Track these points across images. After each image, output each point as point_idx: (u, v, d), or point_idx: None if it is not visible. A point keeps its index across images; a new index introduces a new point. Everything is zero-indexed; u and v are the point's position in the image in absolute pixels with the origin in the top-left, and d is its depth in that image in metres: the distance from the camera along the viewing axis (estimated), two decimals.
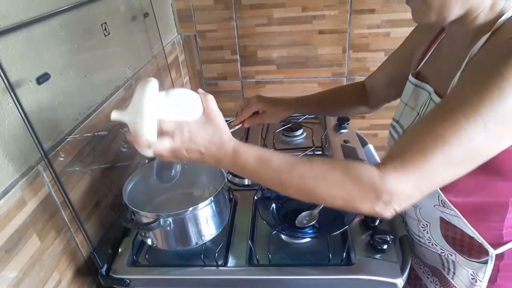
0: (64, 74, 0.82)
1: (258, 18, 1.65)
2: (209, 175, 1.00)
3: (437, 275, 0.83)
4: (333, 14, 1.60)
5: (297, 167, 0.56)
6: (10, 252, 0.65)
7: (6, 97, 0.65)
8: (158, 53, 1.42)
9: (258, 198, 1.02)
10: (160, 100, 0.58)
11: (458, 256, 0.73)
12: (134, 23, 1.21)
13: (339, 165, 0.55)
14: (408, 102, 0.75)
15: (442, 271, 0.80)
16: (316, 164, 0.56)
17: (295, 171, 0.56)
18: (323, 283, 0.81)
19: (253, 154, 0.58)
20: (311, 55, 1.71)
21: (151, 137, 0.57)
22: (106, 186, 0.98)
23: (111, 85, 1.04)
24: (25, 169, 0.69)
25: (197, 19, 1.69)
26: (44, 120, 0.75)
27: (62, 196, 0.76)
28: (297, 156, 0.58)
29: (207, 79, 1.85)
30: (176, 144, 0.58)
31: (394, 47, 0.93)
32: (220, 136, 0.59)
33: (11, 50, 0.67)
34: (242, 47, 1.73)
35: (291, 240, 0.91)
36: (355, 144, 1.26)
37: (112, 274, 0.86)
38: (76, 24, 0.88)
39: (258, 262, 0.84)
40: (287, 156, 0.57)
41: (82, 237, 0.83)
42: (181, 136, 0.58)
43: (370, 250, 0.83)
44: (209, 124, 0.59)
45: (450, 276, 0.78)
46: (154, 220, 0.79)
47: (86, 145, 0.89)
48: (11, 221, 0.65)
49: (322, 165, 0.55)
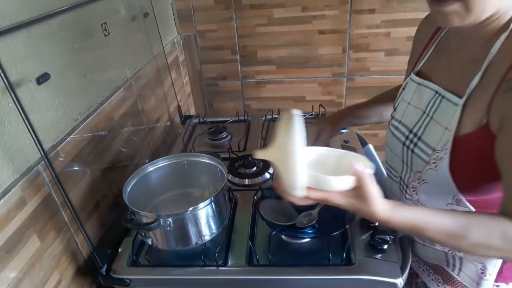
0: (64, 74, 0.82)
1: (258, 18, 1.65)
2: (209, 175, 1.00)
3: (439, 273, 0.82)
4: (333, 14, 1.60)
5: (453, 238, 0.58)
6: (10, 252, 0.65)
7: (6, 97, 0.65)
8: (158, 53, 1.42)
9: (258, 198, 1.02)
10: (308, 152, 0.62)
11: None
12: (134, 23, 1.21)
13: (498, 231, 0.56)
14: (411, 101, 0.75)
15: (446, 268, 0.80)
16: (473, 234, 0.57)
17: (451, 241, 0.59)
18: (323, 283, 0.81)
19: (406, 223, 0.60)
20: (311, 55, 1.71)
21: (299, 188, 0.57)
22: (106, 186, 0.98)
23: (111, 85, 1.04)
24: (25, 169, 0.69)
25: (197, 19, 1.69)
26: (44, 120, 0.75)
27: (62, 196, 0.76)
28: (451, 219, 0.58)
29: (207, 79, 1.85)
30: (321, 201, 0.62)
31: (394, 47, 0.93)
32: (371, 211, 0.59)
33: (11, 50, 0.67)
34: (242, 47, 1.73)
35: (291, 240, 0.91)
36: (355, 144, 1.26)
37: (112, 274, 0.86)
38: (76, 24, 0.88)
39: (258, 262, 0.84)
40: (440, 225, 0.58)
41: (82, 237, 0.83)
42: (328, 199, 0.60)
43: (370, 250, 0.83)
44: (360, 200, 0.59)
45: (455, 273, 0.78)
46: (154, 220, 0.79)
47: (86, 145, 0.89)
48: (11, 221, 0.65)
49: (480, 236, 0.57)
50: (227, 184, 1.06)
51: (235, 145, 1.32)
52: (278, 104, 1.81)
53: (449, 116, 0.64)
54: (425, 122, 0.70)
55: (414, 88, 0.75)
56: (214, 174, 0.97)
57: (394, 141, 0.79)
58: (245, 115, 1.54)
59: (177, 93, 1.63)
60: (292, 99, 1.83)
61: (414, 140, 0.72)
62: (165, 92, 1.49)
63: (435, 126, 0.67)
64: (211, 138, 1.40)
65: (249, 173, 1.15)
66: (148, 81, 1.30)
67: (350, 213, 0.90)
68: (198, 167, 1.01)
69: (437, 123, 0.67)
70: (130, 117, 1.14)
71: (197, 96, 1.91)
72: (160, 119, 1.42)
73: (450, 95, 0.65)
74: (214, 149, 1.34)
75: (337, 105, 1.81)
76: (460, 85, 0.63)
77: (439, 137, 0.65)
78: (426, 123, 0.70)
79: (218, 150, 1.31)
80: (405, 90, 0.78)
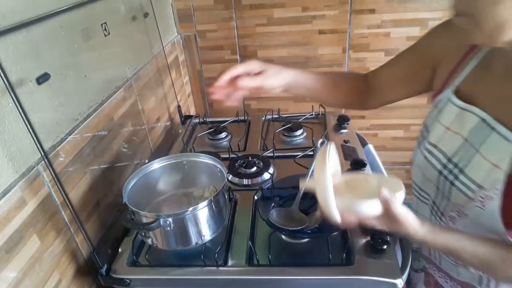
0: (64, 74, 0.82)
1: (258, 18, 1.65)
2: (209, 175, 1.00)
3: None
4: (333, 14, 1.60)
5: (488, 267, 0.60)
6: (10, 252, 0.65)
7: (6, 97, 0.65)
8: (158, 53, 1.42)
9: (258, 198, 1.02)
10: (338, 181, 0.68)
11: None
12: (134, 23, 1.21)
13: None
14: (451, 126, 0.66)
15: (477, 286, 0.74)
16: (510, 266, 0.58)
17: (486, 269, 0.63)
18: (323, 283, 0.81)
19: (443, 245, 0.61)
20: (311, 55, 1.71)
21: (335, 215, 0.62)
22: (106, 186, 0.98)
23: (111, 85, 1.04)
24: (25, 169, 0.69)
25: (197, 19, 1.69)
26: (44, 120, 0.75)
27: (62, 196, 0.76)
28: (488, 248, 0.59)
29: (207, 79, 1.85)
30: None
31: (394, 47, 0.93)
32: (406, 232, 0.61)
33: (11, 50, 0.67)
34: (242, 47, 1.73)
35: (291, 240, 0.91)
36: (355, 144, 1.26)
37: (112, 274, 0.86)
38: (76, 24, 0.88)
39: (258, 262, 0.84)
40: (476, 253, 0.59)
41: (82, 237, 0.83)
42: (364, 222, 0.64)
43: (370, 250, 0.83)
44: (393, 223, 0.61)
45: None
46: (154, 220, 0.79)
47: (86, 145, 0.89)
48: (11, 221, 0.65)
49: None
50: (227, 184, 1.06)
51: (235, 145, 1.32)
52: (278, 104, 1.80)
53: (500, 152, 0.57)
54: (469, 153, 0.62)
55: (455, 113, 0.65)
56: (214, 174, 0.97)
57: (427, 167, 0.71)
58: (245, 115, 1.54)
59: (177, 93, 1.63)
60: (292, 99, 1.83)
61: (455, 172, 0.64)
62: (165, 92, 1.49)
63: (482, 161, 0.59)
64: (211, 138, 1.40)
65: (249, 173, 1.15)
66: (148, 81, 1.30)
67: None
68: (198, 167, 1.01)
69: (483, 158, 0.59)
70: (130, 117, 1.14)
71: (197, 96, 1.91)
72: (160, 119, 1.42)
73: (501, 127, 0.57)
74: (214, 149, 1.34)
75: None
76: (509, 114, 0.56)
77: (487, 173, 0.58)
78: (470, 155, 0.62)
79: (218, 150, 1.31)
80: (443, 113, 0.68)
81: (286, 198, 1.00)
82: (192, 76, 1.85)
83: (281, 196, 1.00)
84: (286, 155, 1.24)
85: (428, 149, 0.71)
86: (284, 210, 0.92)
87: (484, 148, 0.59)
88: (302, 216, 0.90)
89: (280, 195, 1.01)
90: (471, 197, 0.61)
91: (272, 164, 1.19)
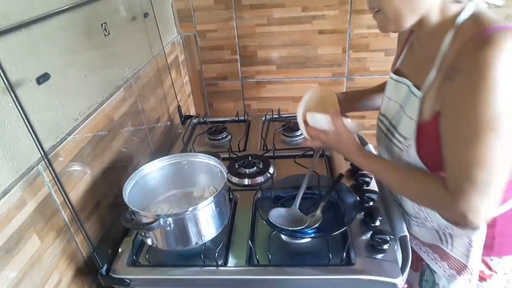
0: (64, 74, 0.82)
1: (258, 18, 1.65)
2: (209, 175, 1.00)
3: (437, 251, 0.85)
4: (333, 14, 1.60)
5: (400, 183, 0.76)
6: (10, 252, 0.65)
7: (6, 97, 0.65)
8: (158, 53, 1.42)
9: (258, 198, 1.02)
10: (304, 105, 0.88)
11: (454, 228, 0.78)
12: (134, 23, 1.21)
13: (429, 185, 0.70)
14: (391, 96, 0.83)
15: (441, 245, 0.83)
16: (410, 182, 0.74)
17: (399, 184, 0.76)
18: (323, 283, 0.81)
19: (370, 166, 0.80)
20: (311, 55, 1.71)
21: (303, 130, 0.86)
22: (106, 186, 0.98)
23: (111, 85, 1.04)
24: (25, 169, 0.69)
25: (197, 19, 1.69)
26: (44, 120, 0.75)
27: (62, 196, 0.76)
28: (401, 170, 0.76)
29: (207, 79, 1.85)
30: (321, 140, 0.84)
31: (394, 47, 0.93)
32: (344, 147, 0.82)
33: (11, 50, 0.67)
34: (242, 47, 1.73)
35: (291, 240, 0.91)
36: None
37: (112, 274, 0.86)
38: (76, 24, 0.88)
39: (258, 262, 0.84)
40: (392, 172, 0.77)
41: (82, 237, 0.83)
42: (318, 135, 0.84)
43: (370, 250, 0.84)
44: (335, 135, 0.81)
45: (449, 249, 0.81)
46: (154, 220, 0.79)
47: (86, 145, 0.89)
48: (11, 221, 0.65)
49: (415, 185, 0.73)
50: (227, 184, 1.06)
51: (235, 145, 1.32)
52: (278, 104, 1.81)
53: (413, 107, 0.72)
54: (399, 114, 0.78)
55: (393, 85, 0.82)
56: (214, 174, 0.97)
57: (380, 133, 0.87)
58: (245, 115, 1.54)
59: (177, 93, 1.63)
60: (292, 99, 1.83)
61: (391, 130, 0.81)
62: (165, 92, 1.49)
63: (405, 117, 0.75)
64: (211, 138, 1.40)
65: (249, 173, 1.15)
66: (148, 81, 1.30)
67: (350, 213, 0.90)
68: (198, 167, 1.01)
69: (406, 114, 0.75)
70: (130, 117, 1.14)
71: (197, 96, 1.91)
72: (160, 119, 1.42)
73: (414, 89, 0.73)
74: (214, 149, 1.34)
75: None
76: (421, 80, 0.71)
77: (407, 126, 0.74)
78: (400, 115, 0.77)
79: (218, 150, 1.31)
80: (387, 87, 0.86)
81: (286, 198, 1.00)
82: (192, 76, 1.85)
83: (281, 196, 1.00)
84: (286, 155, 1.24)
85: (380, 119, 0.88)
86: (284, 210, 0.92)
87: (406, 107, 0.75)
88: (302, 216, 0.90)
89: (280, 195, 1.01)
90: (401, 148, 0.77)
91: (272, 164, 1.19)
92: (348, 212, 0.92)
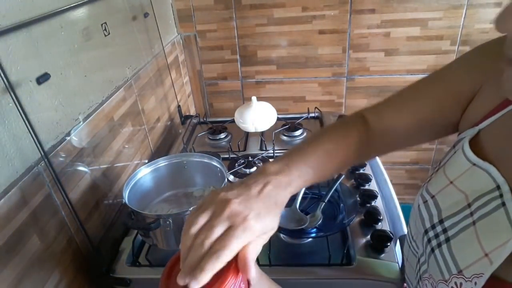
0: (64, 74, 0.82)
1: (258, 18, 1.65)
2: (209, 175, 1.00)
3: None
4: (333, 14, 1.60)
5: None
6: (10, 252, 0.65)
7: (6, 97, 0.65)
8: (158, 53, 1.42)
9: None
10: None
11: None
12: (134, 23, 1.21)
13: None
14: (455, 182, 0.50)
15: None
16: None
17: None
18: (323, 283, 0.81)
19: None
20: (311, 55, 1.71)
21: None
22: (106, 186, 0.98)
23: (111, 85, 1.04)
24: (25, 169, 0.69)
25: (197, 19, 1.69)
26: (44, 120, 0.75)
27: (62, 196, 0.76)
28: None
29: (207, 79, 1.85)
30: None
31: (394, 47, 0.92)
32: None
33: (11, 50, 0.67)
34: (242, 47, 1.73)
35: (291, 240, 0.91)
36: None
37: (112, 274, 0.86)
38: (76, 24, 0.88)
39: (258, 262, 0.84)
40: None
41: (82, 237, 0.83)
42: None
43: (370, 250, 0.84)
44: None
45: None
46: (154, 220, 0.79)
47: (86, 145, 0.89)
48: (11, 221, 0.65)
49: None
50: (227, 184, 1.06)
51: (235, 145, 1.32)
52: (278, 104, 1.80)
53: (497, 240, 0.39)
54: (464, 223, 0.45)
55: (465, 168, 0.49)
56: (214, 174, 0.97)
57: (417, 219, 0.55)
58: None
59: (177, 93, 1.63)
60: (292, 99, 1.83)
61: (440, 238, 0.48)
62: (165, 92, 1.49)
63: (474, 242, 0.42)
64: (211, 138, 1.40)
65: (249, 173, 1.15)
66: (148, 81, 1.30)
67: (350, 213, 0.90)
68: (198, 167, 1.01)
69: (477, 238, 0.42)
70: (130, 117, 1.14)
71: (197, 96, 1.91)
72: (160, 119, 1.42)
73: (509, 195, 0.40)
74: (214, 149, 1.34)
75: (337, 105, 1.80)
76: None
77: (474, 261, 0.41)
78: (465, 225, 0.45)
79: (218, 150, 1.31)
80: (450, 163, 0.53)
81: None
82: (192, 76, 1.85)
83: None
84: None
85: (424, 198, 0.55)
86: (284, 210, 0.92)
87: (483, 224, 0.42)
88: (302, 216, 0.90)
89: None
90: (446, 278, 0.45)
91: None
92: (348, 212, 0.92)
